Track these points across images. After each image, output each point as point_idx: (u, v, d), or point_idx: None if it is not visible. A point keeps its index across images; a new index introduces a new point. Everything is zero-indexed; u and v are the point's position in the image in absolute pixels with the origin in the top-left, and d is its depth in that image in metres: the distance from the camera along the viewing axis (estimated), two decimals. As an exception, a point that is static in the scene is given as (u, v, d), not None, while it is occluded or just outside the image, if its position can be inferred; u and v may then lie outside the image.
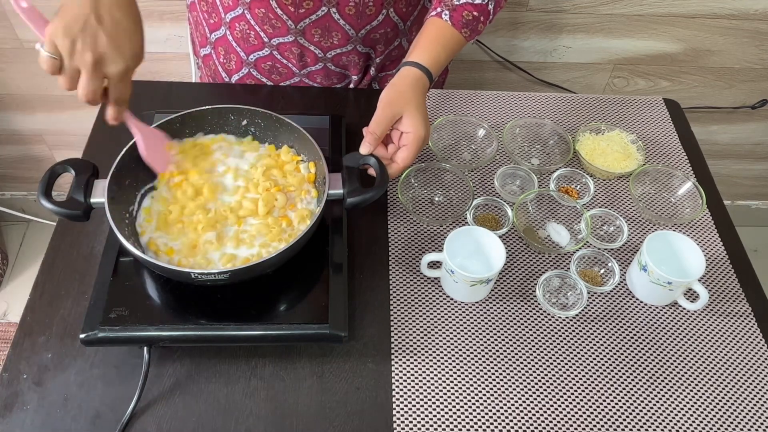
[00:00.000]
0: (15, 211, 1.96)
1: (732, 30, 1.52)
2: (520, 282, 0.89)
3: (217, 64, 1.12)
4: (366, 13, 0.97)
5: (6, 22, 1.46)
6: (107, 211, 0.75)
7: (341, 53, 1.04)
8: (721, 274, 0.92)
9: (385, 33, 1.03)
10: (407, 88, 0.87)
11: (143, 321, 0.75)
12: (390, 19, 1.01)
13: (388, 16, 1.00)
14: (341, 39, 1.01)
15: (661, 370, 0.82)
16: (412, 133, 0.84)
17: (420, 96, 0.87)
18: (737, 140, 1.85)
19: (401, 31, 1.05)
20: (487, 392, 0.78)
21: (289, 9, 0.96)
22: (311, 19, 0.97)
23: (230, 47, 1.08)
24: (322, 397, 0.76)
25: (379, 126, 0.84)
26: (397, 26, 1.03)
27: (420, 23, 1.07)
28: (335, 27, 0.99)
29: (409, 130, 0.85)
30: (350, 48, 1.03)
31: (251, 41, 1.04)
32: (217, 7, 1.04)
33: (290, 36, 1.01)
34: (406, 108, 0.85)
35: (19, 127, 1.75)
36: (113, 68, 0.67)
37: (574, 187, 1.00)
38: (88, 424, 0.73)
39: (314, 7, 0.96)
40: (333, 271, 0.81)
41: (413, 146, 0.85)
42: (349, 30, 0.99)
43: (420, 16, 1.06)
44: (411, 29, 1.07)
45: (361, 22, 0.99)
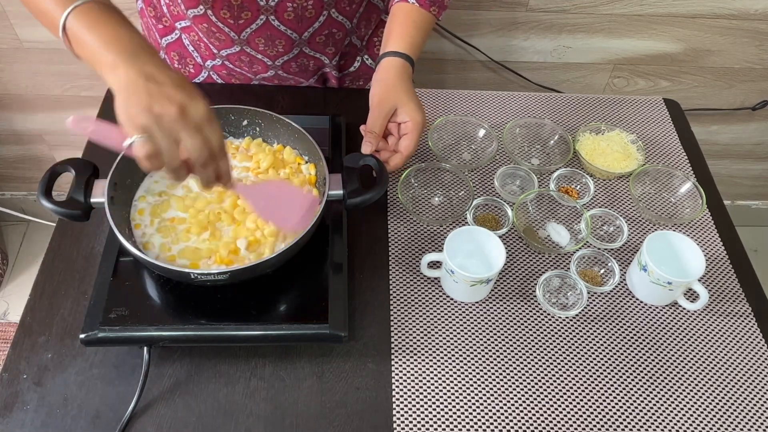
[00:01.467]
0: (15, 211, 1.96)
1: (732, 30, 1.52)
2: (520, 282, 0.89)
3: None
4: (306, 16, 0.95)
5: (6, 22, 1.46)
6: (107, 211, 0.75)
7: (289, 60, 1.03)
8: (721, 274, 0.92)
9: (331, 34, 1.01)
10: (394, 80, 0.88)
11: (143, 321, 0.75)
12: (333, 20, 0.98)
13: (331, 16, 0.97)
14: (285, 45, 0.99)
15: (661, 370, 0.82)
16: (410, 122, 0.86)
17: (408, 84, 0.88)
18: (737, 140, 1.85)
19: (349, 30, 1.03)
20: (487, 392, 0.78)
21: (229, 21, 0.94)
22: (252, 28, 0.95)
23: (186, 52, 1.07)
24: (322, 397, 0.76)
25: (376, 124, 0.86)
26: (343, 26, 1.01)
27: (368, 20, 1.06)
28: (277, 34, 0.97)
29: (406, 119, 0.86)
30: (297, 52, 1.01)
31: (203, 51, 1.04)
32: (166, 14, 1.03)
33: (236, 46, 1.00)
34: (398, 100, 0.87)
35: (19, 127, 1.75)
36: (198, 111, 0.62)
37: (574, 187, 1.00)
38: (88, 424, 0.73)
39: (252, 17, 0.93)
40: (333, 271, 0.81)
41: (413, 134, 0.86)
42: (291, 35, 0.97)
43: (367, 13, 1.04)
44: (359, 26, 1.05)
45: (302, 26, 0.96)
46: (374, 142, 0.86)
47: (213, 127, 0.63)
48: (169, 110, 0.61)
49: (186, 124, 0.61)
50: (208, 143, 0.63)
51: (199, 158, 0.63)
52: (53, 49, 1.52)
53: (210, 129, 0.63)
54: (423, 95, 1.12)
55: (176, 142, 0.62)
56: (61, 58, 1.54)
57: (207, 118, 0.63)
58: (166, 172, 0.64)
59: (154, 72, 0.63)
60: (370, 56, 1.13)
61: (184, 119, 0.61)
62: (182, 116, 0.61)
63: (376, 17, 1.08)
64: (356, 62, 1.12)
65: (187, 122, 0.61)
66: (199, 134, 0.62)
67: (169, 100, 0.61)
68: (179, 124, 0.61)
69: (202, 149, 0.62)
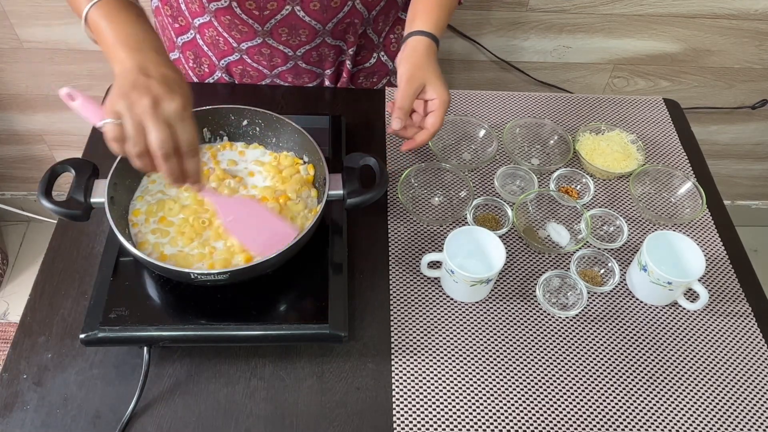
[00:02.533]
0: (15, 210, 1.96)
1: (732, 30, 1.52)
2: (520, 282, 0.89)
3: (187, 69, 1.12)
4: (331, 6, 0.97)
5: (6, 22, 1.46)
6: (107, 211, 0.75)
7: (311, 49, 1.04)
8: (721, 274, 0.92)
9: (353, 23, 1.02)
10: (422, 58, 0.89)
11: (143, 321, 0.75)
12: (356, 10, 1.00)
13: (354, 6, 0.99)
14: (308, 35, 1.01)
15: (661, 370, 0.82)
16: (437, 99, 0.88)
17: (435, 62, 0.90)
18: (737, 140, 1.85)
19: (366, 20, 1.04)
20: (487, 392, 0.78)
21: (254, 13, 0.96)
22: (276, 19, 0.97)
23: (201, 51, 1.07)
24: (322, 397, 0.76)
25: (405, 100, 0.87)
26: (362, 15, 1.02)
27: (386, 14, 1.07)
28: (301, 24, 0.98)
29: (433, 96, 0.88)
30: (319, 41, 1.03)
31: (221, 47, 1.05)
32: (183, 11, 1.03)
33: (258, 38, 1.01)
34: (426, 78, 0.88)
35: (19, 127, 1.75)
36: (171, 107, 0.65)
37: (574, 187, 1.00)
38: (88, 424, 0.73)
39: (278, 7, 0.95)
40: (333, 271, 0.81)
41: (440, 111, 0.88)
42: (315, 25, 0.99)
43: (386, 8, 1.06)
44: (377, 19, 1.06)
45: (327, 16, 0.98)
46: (403, 118, 0.88)
47: (185, 126, 0.66)
48: (143, 100, 0.64)
49: (155, 115, 0.64)
50: (174, 138, 0.65)
51: (160, 150, 0.64)
52: (53, 49, 1.52)
53: (181, 126, 0.65)
54: (423, 95, 1.12)
55: (143, 130, 0.65)
56: (61, 58, 1.54)
57: (179, 116, 0.65)
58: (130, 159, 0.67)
59: (150, 66, 0.68)
60: (386, 53, 1.14)
61: (155, 111, 0.64)
62: (154, 107, 0.64)
63: (394, 13, 1.09)
64: (372, 58, 1.13)
65: (157, 114, 0.64)
66: (166, 128, 0.65)
67: (147, 91, 0.65)
68: (148, 115, 0.64)
69: (164, 142, 0.64)
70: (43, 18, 1.45)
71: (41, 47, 1.52)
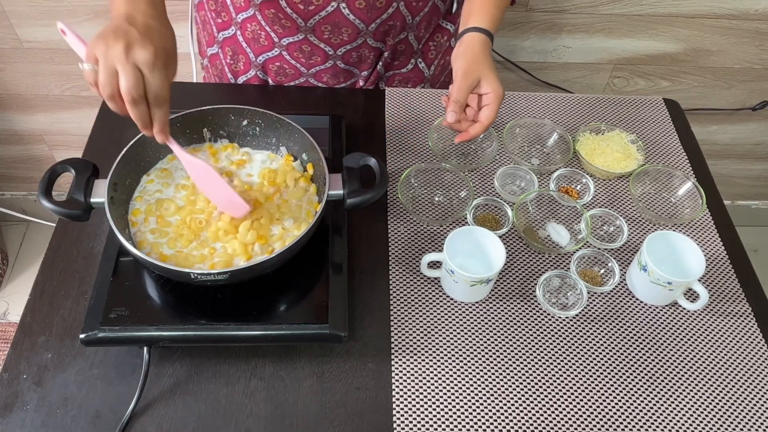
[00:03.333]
0: (15, 211, 1.96)
1: (732, 30, 1.52)
2: (520, 282, 0.89)
3: (224, 65, 1.12)
4: (376, 6, 0.98)
5: (6, 22, 1.46)
6: (107, 211, 0.75)
7: (351, 49, 1.05)
8: (721, 274, 0.92)
9: (395, 26, 1.03)
10: (478, 53, 0.91)
11: (143, 321, 0.75)
12: (400, 13, 1.01)
13: (398, 9, 1.00)
14: (351, 34, 1.01)
15: (661, 370, 0.82)
16: (492, 93, 0.90)
17: (490, 58, 0.92)
18: (737, 140, 1.85)
19: (408, 25, 1.05)
20: (487, 392, 0.78)
21: (299, 7, 0.97)
22: (321, 15, 0.98)
23: (239, 48, 1.08)
24: (322, 397, 0.76)
25: (461, 93, 0.90)
26: (405, 20, 1.03)
27: (429, 22, 1.07)
28: (345, 23, 0.99)
29: (488, 90, 0.90)
30: (360, 42, 1.03)
31: (261, 42, 1.05)
32: (228, 6, 1.04)
33: (300, 34, 1.02)
34: (481, 72, 0.90)
35: (19, 127, 1.75)
36: (142, 54, 0.67)
37: (574, 187, 1.00)
38: (88, 424, 0.73)
39: (324, 3, 0.96)
40: (333, 271, 0.81)
41: (495, 104, 0.90)
42: (359, 24, 1.00)
43: (429, 15, 1.06)
44: (419, 25, 1.07)
45: (371, 16, 0.99)
46: (458, 111, 0.90)
47: (154, 74, 0.68)
48: (117, 45, 0.66)
49: (126, 60, 0.66)
50: (141, 84, 0.67)
51: (127, 94, 0.67)
52: (53, 49, 1.52)
53: (151, 74, 0.67)
54: (423, 95, 1.12)
55: (114, 74, 0.67)
56: (61, 58, 1.54)
57: (149, 63, 0.67)
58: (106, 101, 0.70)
59: (137, 16, 0.71)
60: (424, 61, 1.14)
61: (126, 56, 0.66)
62: (126, 52, 0.66)
63: (435, 20, 1.10)
64: (410, 64, 1.13)
65: (128, 59, 0.66)
66: (135, 73, 0.67)
67: (123, 37, 0.67)
68: (119, 59, 0.66)
69: (131, 87, 0.66)
70: (43, 18, 1.45)
71: (41, 47, 1.52)
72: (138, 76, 0.67)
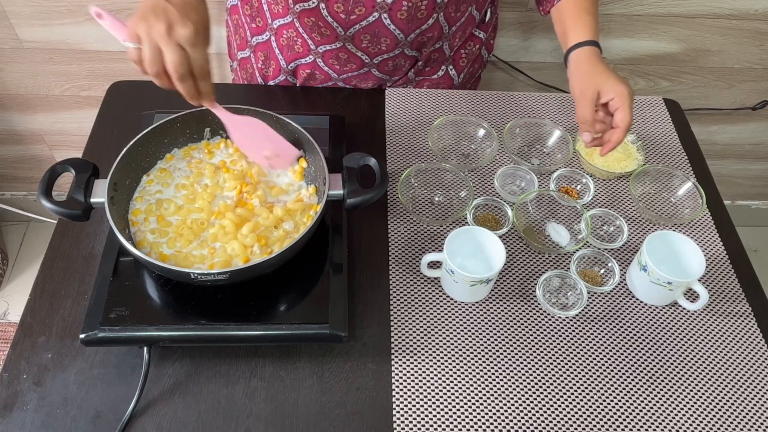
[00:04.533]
0: (15, 210, 1.96)
1: (732, 30, 1.52)
2: (520, 282, 0.89)
3: (255, 69, 1.12)
4: (417, 17, 0.97)
5: (6, 22, 1.46)
6: (107, 211, 0.75)
7: (388, 58, 1.05)
8: (721, 274, 0.92)
9: (432, 36, 1.03)
10: (586, 67, 0.92)
11: (143, 321, 0.75)
12: (438, 23, 1.01)
13: (438, 20, 1.00)
14: (390, 44, 1.01)
15: (661, 370, 0.82)
16: (616, 97, 0.89)
17: (599, 65, 0.92)
18: (737, 140, 1.85)
19: (444, 35, 1.05)
20: (487, 392, 0.78)
21: (340, 16, 0.96)
22: (361, 25, 0.97)
23: (272, 53, 1.08)
24: (322, 397, 0.76)
25: (585, 111, 0.91)
26: (442, 29, 1.03)
27: (463, 31, 1.08)
28: (385, 32, 0.99)
29: (611, 96, 0.89)
30: (398, 52, 1.03)
31: (296, 48, 1.05)
32: (264, 12, 1.04)
33: (338, 42, 1.01)
34: (596, 83, 0.90)
35: (19, 127, 1.75)
36: (183, 31, 0.69)
37: (574, 187, 1.00)
38: (88, 424, 0.73)
39: (366, 13, 0.96)
40: (333, 271, 0.81)
41: (624, 104, 0.89)
42: (398, 35, 0.99)
43: (464, 25, 1.06)
44: (454, 35, 1.07)
45: (412, 26, 0.99)
46: (590, 130, 0.91)
47: (196, 50, 0.70)
48: (158, 25, 0.69)
49: (169, 39, 0.69)
50: (186, 60, 0.70)
51: (175, 72, 0.70)
52: (53, 49, 1.52)
53: (193, 50, 0.70)
54: (423, 95, 1.13)
55: (158, 52, 0.70)
56: (61, 58, 1.54)
57: (190, 41, 0.69)
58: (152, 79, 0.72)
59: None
60: (455, 68, 1.14)
61: (169, 34, 0.69)
62: (168, 32, 0.69)
63: (469, 30, 1.10)
64: (441, 71, 1.13)
65: (171, 38, 0.69)
66: (179, 51, 0.69)
67: (164, 16, 0.69)
68: (162, 38, 0.69)
69: (178, 64, 0.69)
70: (43, 18, 1.45)
71: (41, 47, 1.52)
72: (182, 53, 0.70)
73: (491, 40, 1.20)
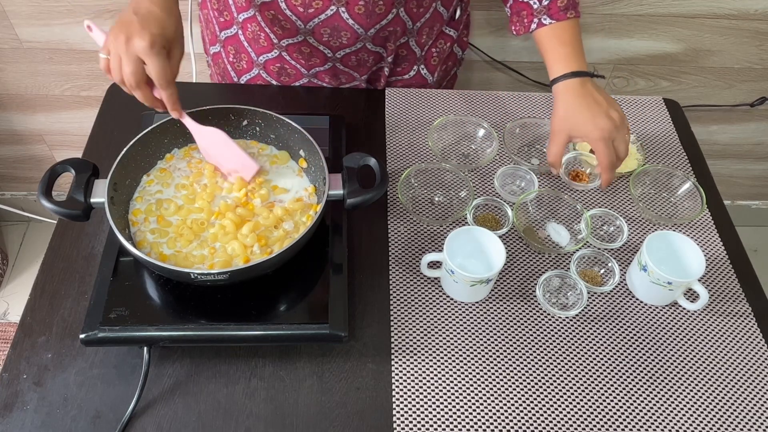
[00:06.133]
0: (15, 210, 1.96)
1: (732, 30, 1.52)
2: (520, 282, 0.89)
3: (227, 63, 1.12)
4: (376, 12, 0.97)
5: (6, 22, 1.46)
6: (107, 211, 0.75)
7: (350, 53, 1.04)
8: (721, 274, 0.92)
9: (395, 32, 1.03)
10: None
11: (143, 321, 0.75)
12: (400, 18, 1.01)
13: (398, 15, 1.00)
14: (350, 38, 1.01)
15: (661, 370, 0.82)
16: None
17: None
18: (737, 140, 1.85)
19: (409, 30, 1.05)
20: (487, 392, 0.78)
21: (299, 9, 0.97)
22: (320, 18, 0.97)
23: (241, 47, 1.08)
24: (322, 397, 0.76)
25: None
26: (405, 25, 1.03)
27: (431, 28, 1.07)
28: (344, 26, 0.99)
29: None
30: (359, 46, 1.03)
31: (261, 43, 1.05)
32: (230, 6, 1.04)
33: (299, 36, 1.01)
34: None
35: (19, 127, 1.75)
36: (138, 44, 0.73)
37: (584, 170, 1.00)
38: (88, 424, 0.73)
39: (323, 6, 0.96)
40: (333, 271, 0.81)
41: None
42: (358, 29, 0.99)
43: (431, 21, 1.06)
44: (420, 31, 1.06)
45: (371, 21, 0.99)
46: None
47: (151, 60, 0.74)
48: (120, 37, 0.74)
49: (127, 51, 0.73)
50: (140, 70, 0.74)
51: (127, 81, 0.75)
52: (53, 49, 1.52)
53: (149, 61, 0.74)
54: (423, 95, 1.12)
55: (119, 62, 0.75)
56: (61, 58, 1.54)
57: (145, 52, 0.73)
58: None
59: (142, 9, 0.76)
60: (426, 68, 1.14)
61: (127, 47, 0.73)
62: (126, 43, 0.73)
63: (438, 27, 1.09)
64: (412, 71, 1.13)
65: (128, 50, 0.73)
66: (134, 61, 0.74)
67: (126, 30, 0.74)
68: (121, 50, 0.74)
69: (129, 73, 0.74)
70: (43, 18, 1.45)
71: (41, 47, 1.52)
72: (137, 63, 0.74)
73: (464, 38, 1.19)
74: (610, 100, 0.93)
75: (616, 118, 0.91)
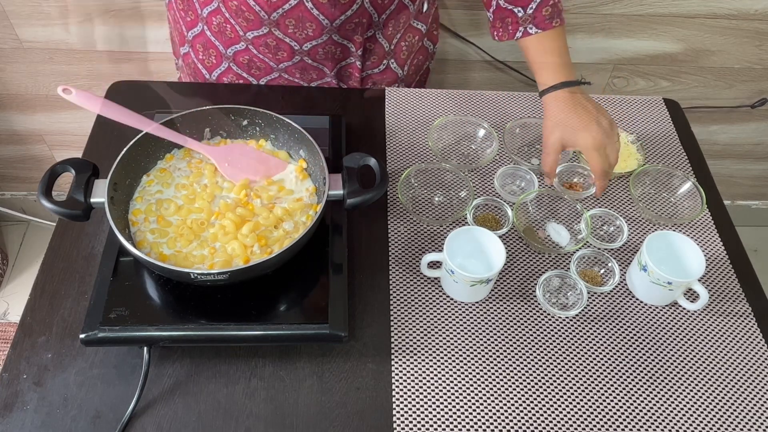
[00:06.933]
0: (15, 211, 1.96)
1: (732, 30, 1.52)
2: (520, 282, 0.89)
3: (196, 62, 1.12)
4: (340, 2, 0.97)
5: (6, 22, 1.46)
6: (107, 211, 0.75)
7: (317, 45, 1.03)
8: (721, 274, 0.92)
9: (361, 23, 1.02)
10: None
11: (143, 321, 0.75)
12: (365, 10, 1.00)
13: (363, 6, 0.99)
14: (315, 29, 1.00)
15: (661, 370, 0.82)
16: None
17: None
18: (737, 140, 1.85)
19: (375, 23, 1.04)
20: (487, 392, 0.78)
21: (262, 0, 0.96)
22: (284, 9, 0.97)
23: (209, 42, 1.07)
24: (322, 397, 0.76)
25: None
26: (371, 17, 1.02)
27: (396, 20, 1.07)
28: (309, 17, 0.98)
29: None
30: (325, 38, 1.02)
31: (228, 34, 1.04)
32: (193, 3, 1.04)
33: (264, 28, 1.00)
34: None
35: (19, 127, 1.75)
36: None
37: (577, 181, 1.00)
38: (88, 424, 0.73)
39: None
40: (333, 271, 0.81)
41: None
42: (323, 20, 0.98)
43: (396, 13, 1.05)
44: (386, 24, 1.06)
45: (335, 12, 0.98)
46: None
47: None
48: None
49: None
50: None
51: None
52: (53, 49, 1.52)
53: None
54: (423, 95, 1.12)
55: None
56: (61, 58, 1.54)
57: None
58: None
59: None
60: (396, 62, 1.14)
61: None
62: None
63: (405, 20, 1.09)
64: (382, 65, 1.13)
65: None
66: None
67: None
68: None
69: None
70: (43, 18, 1.45)
71: (41, 47, 1.52)
72: None
73: (434, 32, 1.19)
74: (599, 108, 0.95)
75: (606, 126, 0.93)
